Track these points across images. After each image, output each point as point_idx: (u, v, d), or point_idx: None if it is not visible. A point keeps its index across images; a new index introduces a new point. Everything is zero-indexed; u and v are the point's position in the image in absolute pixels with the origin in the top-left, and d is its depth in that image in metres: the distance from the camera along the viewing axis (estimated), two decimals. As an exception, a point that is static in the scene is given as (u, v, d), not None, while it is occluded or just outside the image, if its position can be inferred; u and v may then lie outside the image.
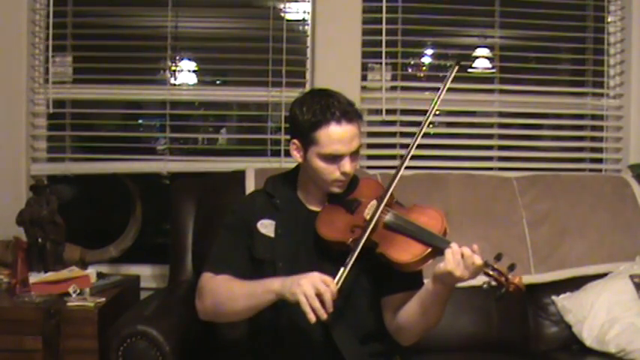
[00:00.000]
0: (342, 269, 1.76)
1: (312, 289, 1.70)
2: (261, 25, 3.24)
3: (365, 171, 2.86)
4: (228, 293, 1.89)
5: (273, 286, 1.78)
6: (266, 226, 2.00)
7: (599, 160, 3.40)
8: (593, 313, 2.58)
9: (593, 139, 3.42)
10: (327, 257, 1.88)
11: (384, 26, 3.21)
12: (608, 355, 2.50)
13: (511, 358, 2.61)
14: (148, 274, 3.09)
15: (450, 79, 1.98)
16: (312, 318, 1.70)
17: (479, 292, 1.83)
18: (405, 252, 1.79)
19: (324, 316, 1.70)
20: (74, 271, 2.69)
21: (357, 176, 2.03)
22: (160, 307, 2.42)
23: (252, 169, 2.77)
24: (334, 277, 1.76)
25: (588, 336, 2.57)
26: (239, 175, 2.76)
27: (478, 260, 1.70)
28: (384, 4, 3.21)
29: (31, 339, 2.40)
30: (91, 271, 2.73)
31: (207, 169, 3.15)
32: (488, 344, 2.63)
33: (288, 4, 3.26)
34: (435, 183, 2.80)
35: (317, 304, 1.69)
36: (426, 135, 3.36)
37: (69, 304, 2.46)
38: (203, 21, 3.36)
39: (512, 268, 1.71)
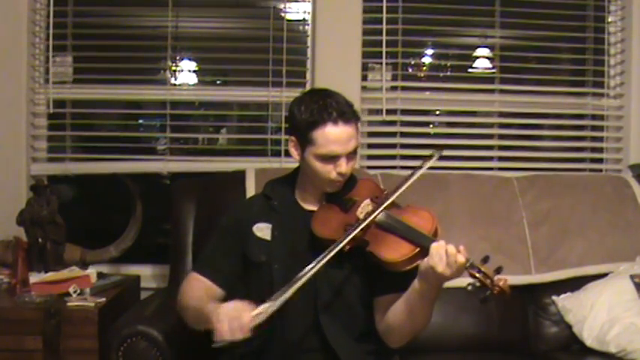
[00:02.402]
0: (267, 304, 1.77)
1: (231, 312, 1.75)
2: (261, 25, 3.24)
3: (365, 171, 2.86)
4: (185, 302, 1.99)
5: (208, 308, 1.84)
6: (261, 230, 2.01)
7: (600, 160, 3.40)
8: (594, 313, 2.57)
9: (593, 139, 3.42)
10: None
11: (384, 26, 3.21)
12: (608, 355, 2.50)
13: (511, 358, 2.61)
14: (148, 274, 3.09)
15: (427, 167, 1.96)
16: (219, 336, 1.74)
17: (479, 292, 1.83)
18: (393, 251, 1.80)
19: (232, 336, 1.73)
20: (74, 271, 2.69)
21: (355, 176, 2.04)
22: (160, 308, 2.42)
23: (253, 169, 2.77)
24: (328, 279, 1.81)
25: (588, 336, 2.56)
26: (239, 175, 2.76)
27: (461, 258, 1.69)
28: (384, 4, 3.20)
29: (31, 339, 2.40)
30: (92, 271, 2.73)
31: (208, 169, 3.15)
32: (488, 344, 2.63)
33: (288, 4, 3.26)
34: (436, 183, 2.80)
35: (226, 326, 1.73)
36: (427, 135, 3.39)
37: (69, 304, 2.47)
38: (203, 21, 3.36)
39: (498, 270, 1.70)
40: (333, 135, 1.89)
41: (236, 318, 1.74)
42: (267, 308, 1.76)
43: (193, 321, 1.96)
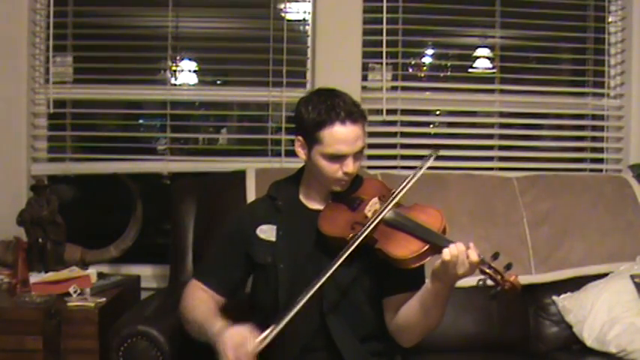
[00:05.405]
0: (271, 327, 1.78)
1: (236, 338, 1.76)
2: (261, 25, 3.24)
3: (365, 171, 2.86)
4: (190, 316, 2.00)
5: (212, 329, 1.85)
6: (265, 232, 2.02)
7: (600, 160, 3.40)
8: (594, 313, 2.58)
9: (593, 139, 3.42)
10: (327, 255, 1.89)
11: (384, 26, 3.21)
12: (608, 356, 2.50)
13: (511, 358, 2.61)
14: (148, 275, 3.09)
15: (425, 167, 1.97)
16: None
17: (479, 292, 1.83)
18: (403, 248, 1.81)
19: None
20: (75, 271, 2.69)
21: (360, 176, 2.05)
22: (160, 308, 2.42)
23: (253, 169, 2.77)
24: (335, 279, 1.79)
25: (589, 336, 2.56)
26: (239, 175, 2.76)
27: (474, 256, 1.70)
28: (384, 4, 3.20)
29: (31, 339, 2.40)
30: (92, 271, 2.73)
31: (208, 169, 3.15)
32: (488, 344, 2.63)
33: (288, 4, 3.27)
34: (436, 183, 2.80)
35: (231, 355, 1.74)
36: (427, 135, 3.39)
37: (69, 304, 2.47)
38: (203, 21, 3.36)
39: (508, 267, 1.72)
40: (341, 135, 1.89)
41: (241, 345, 1.75)
42: (271, 331, 1.77)
43: (197, 335, 1.97)
